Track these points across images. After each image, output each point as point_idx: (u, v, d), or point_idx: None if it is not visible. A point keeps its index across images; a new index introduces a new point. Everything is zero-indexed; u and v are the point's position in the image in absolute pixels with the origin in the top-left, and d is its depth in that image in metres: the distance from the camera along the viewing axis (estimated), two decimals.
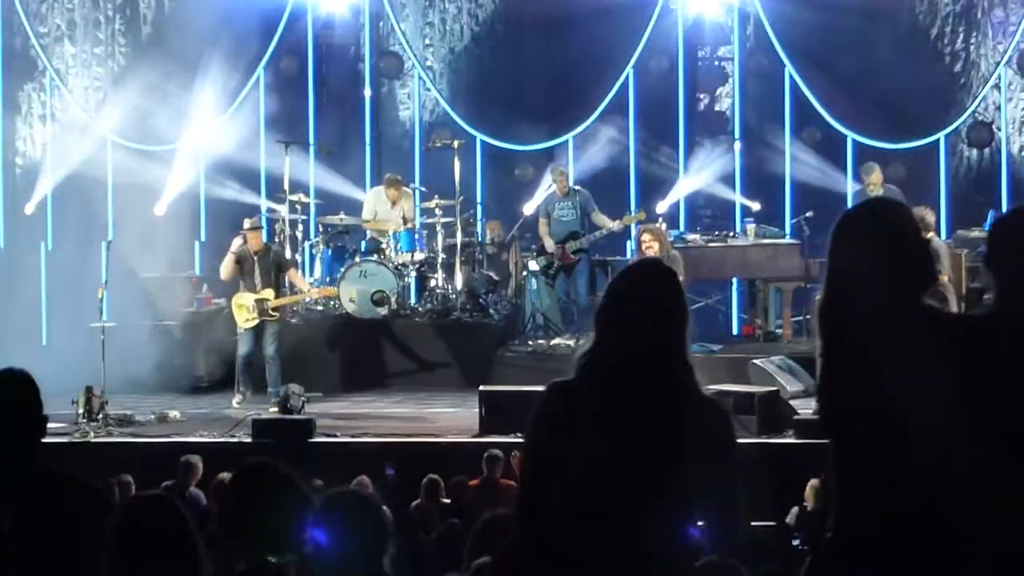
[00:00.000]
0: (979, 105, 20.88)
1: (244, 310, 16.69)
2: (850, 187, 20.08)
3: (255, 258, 16.71)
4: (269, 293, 16.61)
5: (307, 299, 18.04)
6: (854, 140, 20.41)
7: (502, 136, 20.95)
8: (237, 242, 16.83)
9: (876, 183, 17.97)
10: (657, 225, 17.63)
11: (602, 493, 4.55)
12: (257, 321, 16.62)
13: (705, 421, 4.63)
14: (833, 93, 20.45)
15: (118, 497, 8.68)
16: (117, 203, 20.08)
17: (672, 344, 4.67)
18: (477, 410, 14.70)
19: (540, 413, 4.79)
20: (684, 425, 4.57)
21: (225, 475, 11.53)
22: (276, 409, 15.88)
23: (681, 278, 15.12)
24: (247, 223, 16.90)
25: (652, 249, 15.83)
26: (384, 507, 5.60)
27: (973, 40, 21.13)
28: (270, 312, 16.64)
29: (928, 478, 4.23)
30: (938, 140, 20.55)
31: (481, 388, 15.11)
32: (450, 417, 15.89)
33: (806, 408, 14.68)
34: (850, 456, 4.39)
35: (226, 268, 16.92)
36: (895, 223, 4.49)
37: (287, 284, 17.06)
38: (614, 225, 18.41)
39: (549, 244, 18.57)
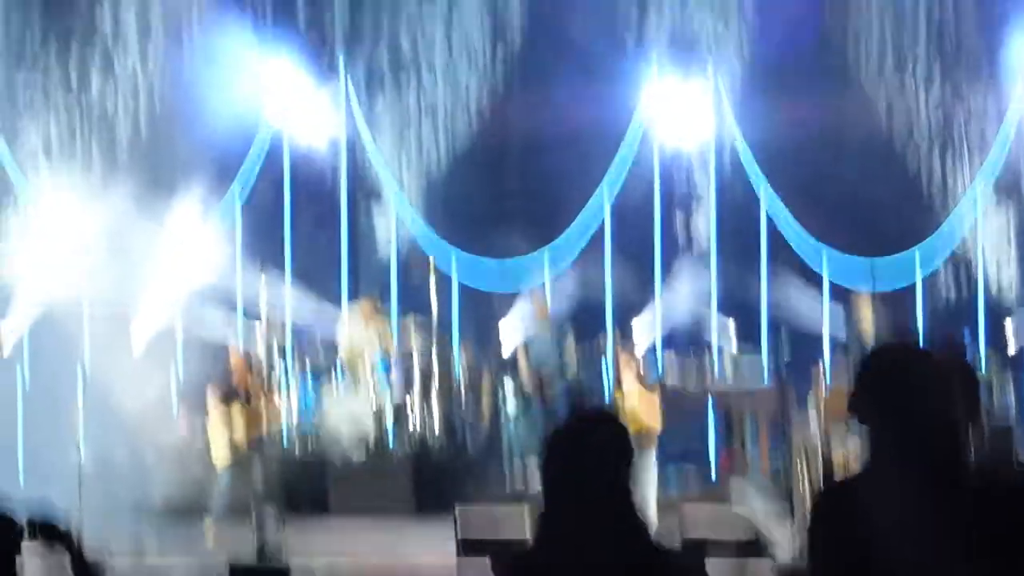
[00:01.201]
0: (956, 223, 20.89)
1: (222, 446, 16.57)
2: (827, 316, 20.12)
3: (240, 391, 16.39)
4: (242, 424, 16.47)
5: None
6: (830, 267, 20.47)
7: (479, 251, 21.00)
8: (213, 401, 16.63)
9: (867, 319, 18.21)
10: (634, 355, 17.54)
11: None
12: (231, 459, 16.53)
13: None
14: (810, 214, 20.48)
15: None
16: (93, 335, 19.99)
17: (628, 501, 4.48)
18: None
19: None
20: None
21: None
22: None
23: (658, 428, 15.05)
24: (231, 344, 16.94)
25: (628, 379, 15.86)
26: None
27: (949, 157, 21.20)
28: (246, 446, 16.54)
29: None
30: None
31: (458, 507, 14.79)
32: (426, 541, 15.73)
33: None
34: None
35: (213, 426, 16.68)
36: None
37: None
38: None
39: (526, 375, 18.61)
